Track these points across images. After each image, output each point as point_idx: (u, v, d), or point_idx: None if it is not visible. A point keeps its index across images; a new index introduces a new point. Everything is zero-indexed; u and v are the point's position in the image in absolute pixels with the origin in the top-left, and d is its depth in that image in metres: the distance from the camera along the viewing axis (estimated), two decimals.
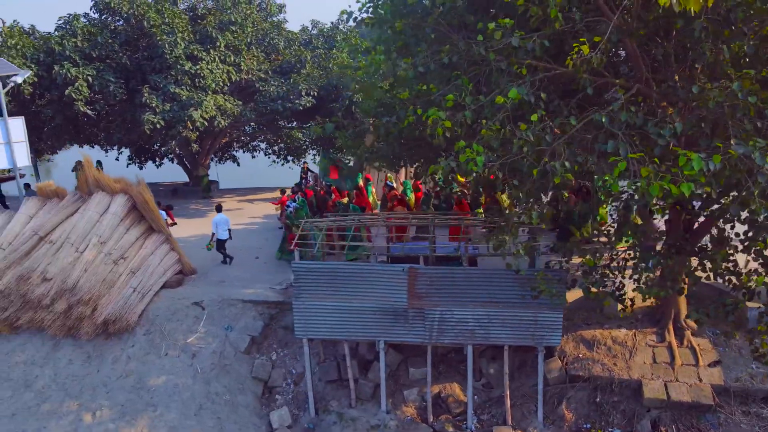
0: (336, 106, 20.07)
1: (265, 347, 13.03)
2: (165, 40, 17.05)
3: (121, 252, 13.57)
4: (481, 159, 6.24)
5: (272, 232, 18.48)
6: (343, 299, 10.91)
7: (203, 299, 13.52)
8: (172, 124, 17.54)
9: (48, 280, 12.53)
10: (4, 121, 14.23)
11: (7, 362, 12.22)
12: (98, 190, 14.33)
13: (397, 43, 8.16)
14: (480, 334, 10.76)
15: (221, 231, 15.18)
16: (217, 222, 15.14)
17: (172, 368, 12.06)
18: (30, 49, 17.40)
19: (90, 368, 12.05)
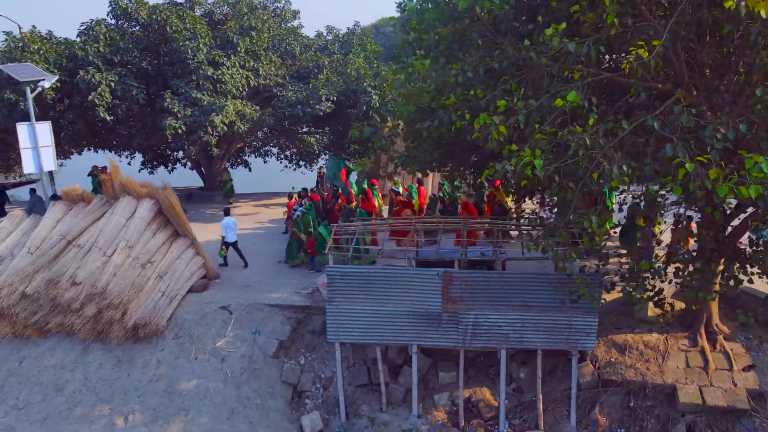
0: (354, 111, 20.13)
1: (293, 351, 13.02)
2: (188, 45, 17.12)
3: (148, 256, 13.58)
4: (540, 162, 6.28)
5: (277, 236, 18.42)
6: (376, 303, 10.92)
7: (230, 303, 13.53)
8: (192, 129, 17.59)
9: (77, 284, 12.53)
10: (32, 125, 14.26)
11: (37, 366, 12.22)
12: (124, 194, 14.36)
13: (439, 48, 8.21)
14: (514, 338, 10.76)
15: (230, 234, 15.21)
16: (226, 225, 15.18)
17: (202, 372, 12.05)
18: (53, 55, 17.47)
19: (120, 372, 12.04)
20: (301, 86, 19.78)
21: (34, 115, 14.34)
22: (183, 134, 17.63)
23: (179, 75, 17.79)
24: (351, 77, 20.44)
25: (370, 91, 19.57)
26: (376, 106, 19.76)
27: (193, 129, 17.54)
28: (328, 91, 19.30)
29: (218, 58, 17.88)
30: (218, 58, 17.88)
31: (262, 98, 21.50)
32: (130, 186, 14.35)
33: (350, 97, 20.21)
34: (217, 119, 17.21)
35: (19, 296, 12.49)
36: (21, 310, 12.47)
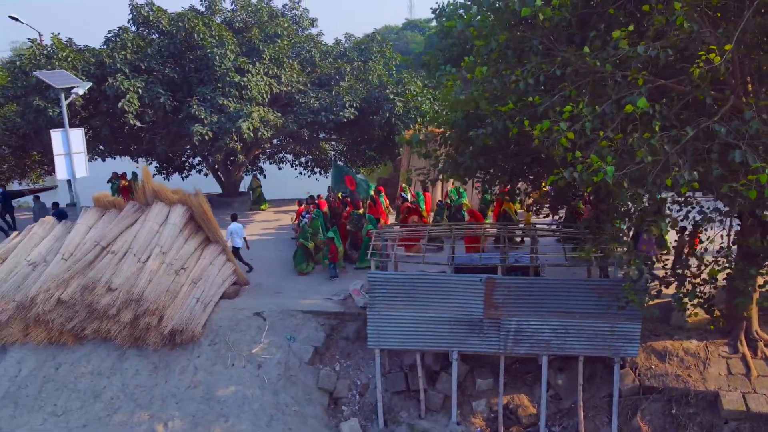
0: (376, 118, 20.18)
1: (328, 358, 13.00)
2: (216, 52, 17.21)
3: (181, 262, 13.60)
4: (612, 169, 6.30)
5: (286, 243, 18.39)
6: (417, 309, 10.93)
7: (263, 310, 13.53)
8: (219, 136, 17.64)
9: (113, 290, 12.54)
10: (66, 132, 14.32)
11: (74, 373, 12.21)
12: (156, 200, 14.38)
13: (492, 55, 8.25)
14: (556, 344, 10.75)
15: (236, 239, 15.26)
16: (232, 231, 15.22)
17: (239, 379, 12.04)
18: (80, 62, 17.55)
19: (158, 379, 12.02)
20: (324, 93, 19.85)
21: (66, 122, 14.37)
22: (208, 141, 17.68)
23: (205, 82, 17.87)
24: (373, 84, 20.51)
25: (393, 98, 19.62)
26: (399, 113, 19.81)
27: (219, 135, 17.60)
28: (352, 98, 19.36)
29: (244, 65, 17.95)
30: (244, 65, 17.95)
31: (281, 105, 21.56)
32: (162, 192, 14.38)
33: (372, 104, 20.26)
34: (245, 125, 17.27)
35: (55, 302, 12.51)
36: (57, 316, 12.47)
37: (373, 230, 15.78)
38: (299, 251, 15.80)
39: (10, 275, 13.30)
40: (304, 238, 15.70)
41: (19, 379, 12.20)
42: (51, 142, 20.36)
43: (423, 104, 20.30)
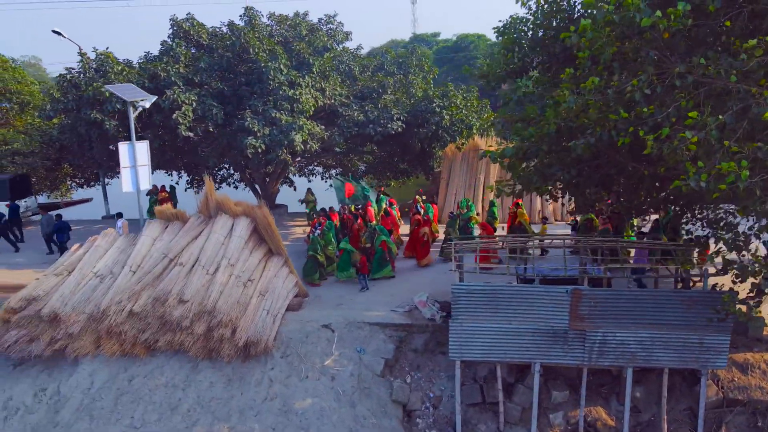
0: (422, 131, 20.27)
1: (398, 370, 12.94)
2: (270, 66, 17.35)
3: (248, 274, 13.62)
4: (746, 174, 6.32)
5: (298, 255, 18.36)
6: (501, 321, 10.89)
7: (330, 322, 13.50)
8: (271, 148, 17.74)
9: (185, 302, 12.54)
10: (133, 144, 14.41)
11: (147, 385, 12.16)
12: (220, 212, 14.44)
13: (597, 67, 8.32)
14: (641, 356, 10.69)
15: None
16: None
17: (315, 391, 11.98)
18: (134, 76, 17.71)
19: (233, 391, 11.97)
20: (371, 105, 19.96)
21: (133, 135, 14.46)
22: (260, 153, 17.78)
23: (257, 95, 17.99)
24: (418, 97, 20.65)
25: (439, 110, 19.72)
26: (446, 125, 19.90)
27: (271, 148, 17.69)
28: (399, 111, 19.47)
29: (296, 78, 18.09)
30: (296, 78, 18.09)
31: (323, 117, 21.71)
32: (226, 204, 14.45)
33: (418, 117, 20.37)
34: (297, 137, 17.37)
35: (127, 314, 12.51)
36: (129, 328, 12.47)
37: (387, 241, 16.13)
38: (309, 262, 16.13)
39: (79, 287, 13.31)
40: (314, 250, 16.15)
41: (93, 392, 12.16)
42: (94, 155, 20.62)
43: (469, 117, 20.41)
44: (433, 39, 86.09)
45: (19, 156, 22.96)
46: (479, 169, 22.46)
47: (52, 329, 12.64)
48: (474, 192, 22.53)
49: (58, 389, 12.34)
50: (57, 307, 12.68)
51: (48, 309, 12.65)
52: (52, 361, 12.77)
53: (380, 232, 16.72)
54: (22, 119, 27.17)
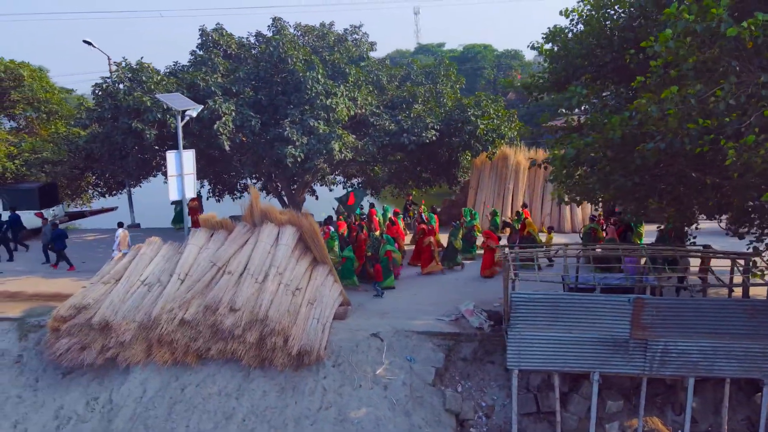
0: (456, 140, 20.33)
1: (448, 379, 12.91)
2: (308, 76, 17.45)
3: (296, 283, 13.63)
4: None
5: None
6: (561, 330, 10.88)
7: (379, 331, 13.48)
8: (309, 157, 17.80)
9: (236, 310, 12.54)
10: (180, 153, 14.47)
11: (200, 393, 12.15)
12: (266, 221, 14.47)
13: (671, 74, 8.38)
14: (703, 366, 10.66)
15: None
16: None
17: (368, 400, 11.96)
18: (173, 85, 17.81)
19: (287, 400, 11.95)
20: (404, 115, 20.04)
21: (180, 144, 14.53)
22: (298, 162, 17.84)
23: (294, 104, 18.08)
24: (449, 106, 20.73)
25: (474, 119, 19.79)
26: (480, 135, 19.97)
27: (309, 157, 17.76)
28: (433, 120, 19.55)
29: (332, 88, 18.19)
30: (332, 88, 18.19)
31: (353, 127, 21.77)
32: (272, 213, 14.48)
33: (451, 126, 20.44)
34: (336, 146, 17.44)
35: (179, 323, 12.50)
36: (181, 336, 12.46)
37: (392, 250, 16.26)
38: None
39: (127, 296, 13.33)
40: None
41: (146, 401, 12.14)
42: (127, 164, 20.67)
43: (501, 126, 20.49)
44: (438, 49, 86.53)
45: (48, 165, 23.02)
46: (508, 178, 22.49)
47: (103, 337, 12.65)
48: (503, 200, 22.55)
49: (110, 398, 12.32)
50: (107, 315, 12.70)
51: (98, 317, 12.67)
52: (102, 369, 12.77)
53: (386, 241, 16.86)
54: (46, 128, 27.27)
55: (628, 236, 17.10)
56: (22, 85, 24.80)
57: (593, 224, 17.83)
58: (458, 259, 18.13)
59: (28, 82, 24.54)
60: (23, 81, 24.51)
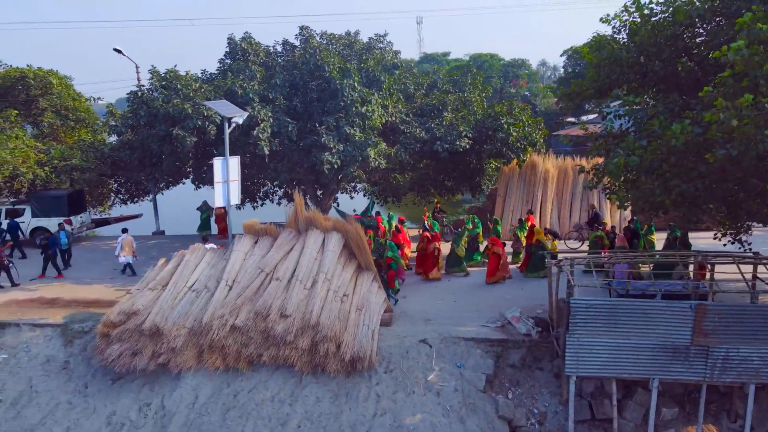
0: (488, 148, 20.41)
1: (497, 386, 12.90)
2: (345, 84, 17.56)
3: (344, 289, 13.65)
4: None
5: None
6: (620, 336, 10.88)
7: (426, 337, 13.49)
8: (345, 164, 17.87)
9: (287, 316, 12.56)
10: (226, 160, 14.54)
11: (254, 400, 12.12)
12: (311, 227, 14.51)
13: (743, 83, 8.47)
14: (765, 372, 10.65)
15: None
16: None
17: (423, 406, 11.93)
18: (210, 93, 17.91)
19: (341, 406, 11.93)
20: (436, 122, 20.13)
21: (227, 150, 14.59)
22: (333, 169, 17.91)
23: (330, 111, 18.16)
24: (483, 114, 20.83)
25: (507, 127, 19.88)
26: (513, 142, 20.05)
27: (345, 164, 17.83)
28: (466, 128, 19.63)
29: (368, 95, 18.30)
30: (368, 95, 18.30)
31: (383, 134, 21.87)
32: (317, 220, 14.52)
33: (482, 134, 20.52)
34: (372, 153, 17.51)
35: (230, 329, 12.50)
36: (232, 342, 12.46)
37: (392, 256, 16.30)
38: None
39: (176, 302, 13.35)
40: None
41: (198, 407, 12.12)
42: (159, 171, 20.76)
43: (533, 134, 20.58)
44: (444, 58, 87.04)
45: (77, 172, 23.09)
46: (537, 186, 22.55)
47: (154, 343, 12.65)
48: (532, 207, 22.60)
49: (162, 404, 12.30)
50: (158, 321, 12.70)
51: (149, 323, 12.67)
52: (152, 375, 12.77)
53: (389, 247, 16.87)
54: (71, 135, 27.39)
55: (635, 243, 17.43)
56: (50, 93, 24.92)
57: (599, 232, 18.01)
58: (463, 266, 18.29)
59: (58, 89, 24.65)
60: (52, 89, 24.62)
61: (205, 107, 16.75)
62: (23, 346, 14.43)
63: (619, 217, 21.97)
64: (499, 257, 17.45)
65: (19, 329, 14.93)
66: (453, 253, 18.34)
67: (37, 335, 14.75)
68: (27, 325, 15.00)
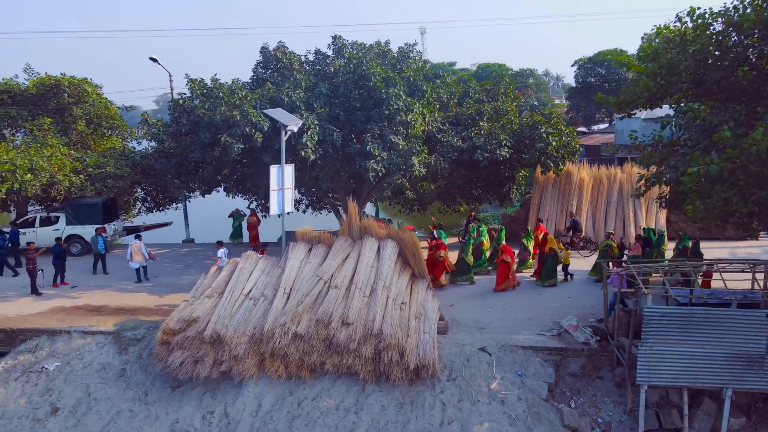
0: (527, 157, 20.45)
1: (559, 394, 12.84)
2: (391, 93, 17.63)
3: (402, 297, 13.62)
4: None
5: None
6: (693, 345, 10.85)
7: (485, 345, 13.46)
8: (390, 172, 17.90)
9: (349, 324, 12.52)
10: (282, 168, 14.57)
11: (318, 408, 12.06)
12: (366, 235, 14.52)
13: None
14: None
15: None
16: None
17: (489, 415, 11.87)
18: (255, 101, 17.98)
19: (407, 414, 11.87)
20: (475, 131, 20.18)
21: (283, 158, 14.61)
22: (377, 177, 17.94)
23: (374, 119, 18.22)
24: (523, 122, 20.89)
25: (546, 136, 19.93)
26: (552, 151, 20.10)
27: (389, 172, 17.86)
28: (507, 137, 19.68)
29: (412, 104, 18.37)
30: (412, 104, 18.37)
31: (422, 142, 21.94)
32: (371, 228, 14.53)
33: (520, 143, 20.57)
34: (417, 161, 17.54)
35: (292, 336, 12.46)
36: (294, 350, 12.42)
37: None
38: None
39: (234, 309, 13.32)
40: None
41: (262, 415, 12.07)
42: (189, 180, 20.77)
43: (572, 143, 20.64)
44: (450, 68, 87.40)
45: (110, 179, 23.16)
46: (572, 195, 22.56)
47: (215, 351, 12.62)
48: (566, 217, 22.59)
49: (226, 412, 12.25)
50: (218, 328, 12.68)
51: (210, 330, 12.65)
52: (213, 382, 12.73)
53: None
54: (100, 143, 27.48)
55: (647, 252, 17.48)
56: (84, 101, 25.04)
57: (608, 241, 18.05)
58: (470, 275, 18.43)
59: (93, 98, 24.77)
60: (87, 97, 24.74)
61: (254, 114, 16.80)
62: (76, 354, 14.40)
63: (655, 224, 21.96)
64: (509, 265, 17.51)
65: (70, 336, 14.92)
66: (461, 261, 18.42)
67: (89, 342, 14.74)
68: (78, 332, 15.00)
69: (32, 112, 24.97)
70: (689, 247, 17.13)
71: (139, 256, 19.28)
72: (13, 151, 21.26)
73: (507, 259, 17.49)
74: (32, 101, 25.10)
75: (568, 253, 18.60)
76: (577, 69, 59.68)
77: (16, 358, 14.53)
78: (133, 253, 19.28)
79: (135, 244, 19.39)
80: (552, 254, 17.96)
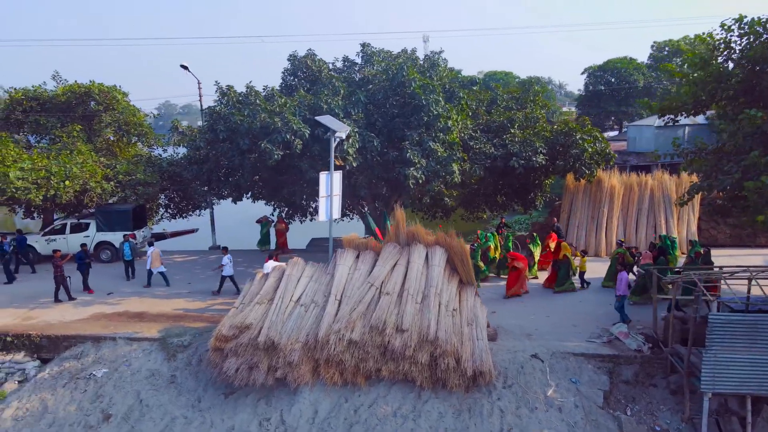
0: (561, 164, 20.47)
1: (614, 402, 12.77)
2: (430, 99, 17.68)
3: (453, 304, 13.60)
4: None
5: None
6: (759, 352, 10.79)
7: (537, 352, 13.42)
8: (429, 179, 17.92)
9: (403, 331, 12.50)
10: (331, 175, 14.59)
11: (375, 415, 12.02)
12: (415, 242, 14.51)
13: None
14: None
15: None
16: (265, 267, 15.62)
17: (548, 423, 11.82)
18: (294, 108, 18.03)
19: (466, 422, 11.82)
20: (509, 138, 20.21)
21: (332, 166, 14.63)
22: (416, 184, 17.95)
23: (413, 126, 18.26)
24: (556, 129, 20.93)
25: (582, 143, 19.96)
26: (587, 158, 20.12)
27: (429, 179, 17.88)
28: (542, 144, 19.72)
29: (450, 111, 18.42)
30: (450, 111, 18.42)
31: None
32: (420, 234, 14.53)
33: (554, 149, 20.59)
34: (456, 168, 17.57)
35: (347, 343, 12.43)
36: (349, 356, 12.38)
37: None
38: None
39: (286, 316, 13.30)
40: None
41: (319, 422, 12.02)
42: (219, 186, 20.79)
43: (606, 149, 20.67)
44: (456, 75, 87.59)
45: (140, 186, 23.20)
46: (603, 202, 22.56)
47: (269, 357, 12.59)
48: (597, 224, 22.59)
49: (282, 418, 12.21)
50: (272, 335, 12.65)
51: (263, 337, 12.63)
52: (267, 389, 12.69)
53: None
54: (126, 150, 27.55)
55: (662, 260, 17.46)
56: (113, 108, 25.13)
57: (620, 249, 18.04)
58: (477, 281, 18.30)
59: (123, 105, 24.87)
60: (116, 104, 24.84)
61: (294, 120, 16.85)
62: (123, 360, 14.38)
63: (686, 231, 21.95)
64: (520, 271, 17.56)
65: (115, 343, 14.90)
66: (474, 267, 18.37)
67: (135, 349, 14.71)
68: (123, 339, 14.98)
69: (61, 120, 25.06)
70: (701, 254, 17.07)
71: (159, 261, 19.44)
72: (46, 159, 21.32)
73: (519, 264, 17.59)
74: (61, 108, 25.19)
75: (584, 260, 18.52)
76: (587, 77, 59.96)
77: (62, 365, 14.51)
78: (153, 259, 19.39)
79: (154, 250, 19.58)
80: (566, 261, 17.99)
